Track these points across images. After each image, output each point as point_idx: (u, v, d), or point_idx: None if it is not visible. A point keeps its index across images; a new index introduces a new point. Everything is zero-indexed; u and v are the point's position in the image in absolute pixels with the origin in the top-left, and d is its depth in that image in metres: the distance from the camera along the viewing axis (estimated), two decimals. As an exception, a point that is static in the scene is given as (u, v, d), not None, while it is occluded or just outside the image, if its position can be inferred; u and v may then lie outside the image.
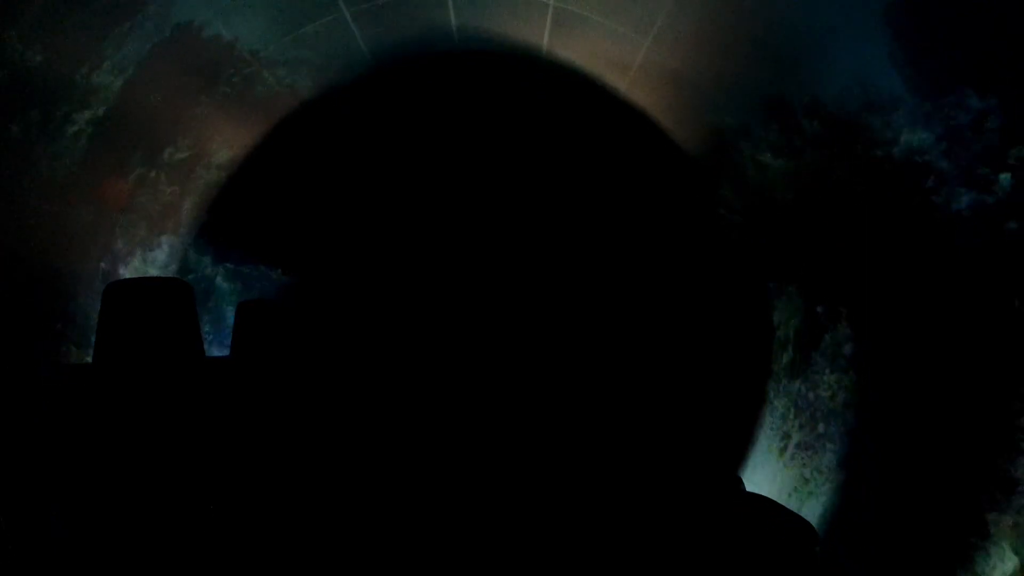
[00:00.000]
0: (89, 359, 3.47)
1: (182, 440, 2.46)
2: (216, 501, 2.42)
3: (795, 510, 3.63)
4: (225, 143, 4.47)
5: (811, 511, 3.62)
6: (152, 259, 4.37)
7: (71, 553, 2.30)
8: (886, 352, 3.31)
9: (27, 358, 3.30)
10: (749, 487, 4.15)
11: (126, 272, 4.15)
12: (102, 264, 3.95)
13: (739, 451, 4.42)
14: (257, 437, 2.60)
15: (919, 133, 2.82)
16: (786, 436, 4.10)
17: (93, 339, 2.99)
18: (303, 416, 2.78)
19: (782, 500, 3.83)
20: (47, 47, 2.96)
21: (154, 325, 2.61)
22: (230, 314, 4.86)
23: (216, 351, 4.59)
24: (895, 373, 3.24)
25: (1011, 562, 2.59)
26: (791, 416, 4.08)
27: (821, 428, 3.77)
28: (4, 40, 2.82)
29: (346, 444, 2.90)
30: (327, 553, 2.52)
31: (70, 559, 2.30)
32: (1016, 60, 2.45)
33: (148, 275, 4.29)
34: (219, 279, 4.97)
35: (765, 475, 4.13)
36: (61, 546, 2.34)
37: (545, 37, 4.27)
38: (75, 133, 3.39)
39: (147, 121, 3.77)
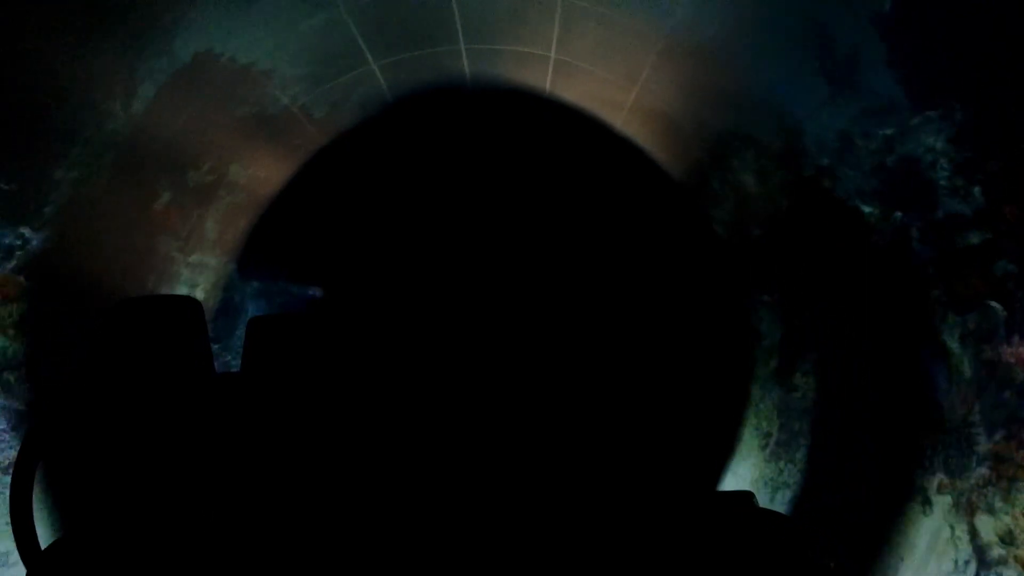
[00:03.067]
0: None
1: (184, 452, 2.42)
2: (219, 516, 2.39)
3: (770, 497, 4.06)
4: (246, 166, 4.61)
5: (783, 497, 4.04)
6: (185, 278, 4.55)
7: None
8: (845, 358, 3.73)
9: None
10: (734, 479, 4.56)
11: (163, 291, 4.32)
12: (149, 285, 4.16)
13: (727, 448, 4.79)
14: (261, 450, 2.53)
15: (912, 143, 3.00)
16: (768, 434, 4.47)
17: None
18: (311, 428, 2.68)
19: (758, 489, 4.23)
20: (66, 76, 3.06)
21: (158, 341, 2.53)
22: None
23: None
24: (850, 376, 3.67)
25: (946, 531, 3.02)
26: (774, 416, 4.45)
27: (796, 426, 4.15)
28: (25, 70, 2.92)
29: (352, 455, 2.78)
30: (339, 566, 2.51)
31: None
32: (992, 73, 2.58)
33: (180, 293, 4.43)
34: (244, 296, 5.20)
35: (748, 469, 4.52)
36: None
37: (547, 81, 4.69)
38: (99, 160, 3.48)
39: (169, 145, 3.87)
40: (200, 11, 3.35)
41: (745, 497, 2.98)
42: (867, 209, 3.40)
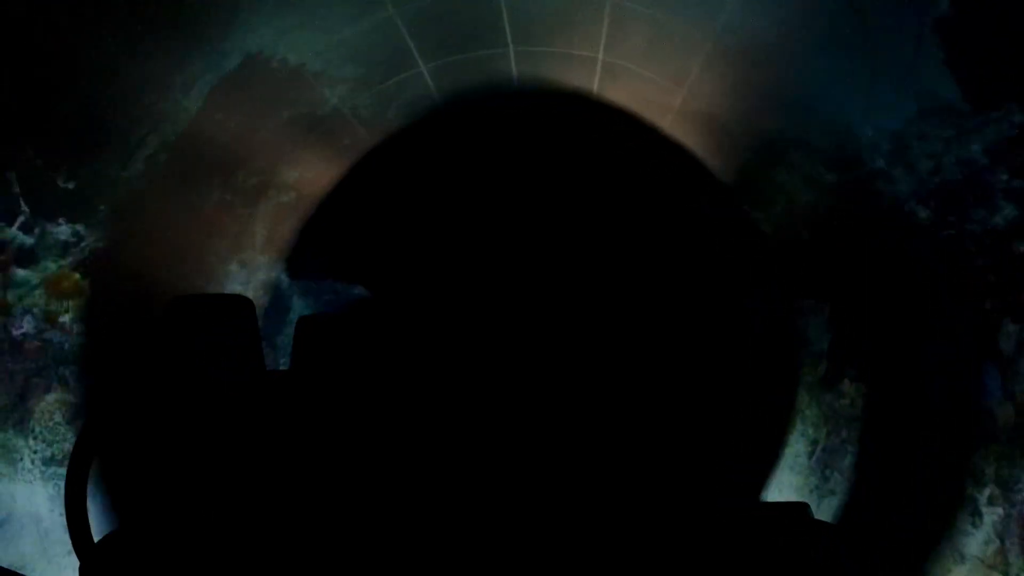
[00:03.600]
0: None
1: (236, 450, 2.46)
2: (272, 517, 2.42)
3: (816, 505, 4.00)
4: (295, 166, 4.66)
5: (828, 506, 3.98)
6: (235, 277, 4.65)
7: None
8: (896, 364, 3.66)
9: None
10: (780, 488, 4.51)
11: (215, 290, 4.43)
12: (201, 284, 4.27)
13: (773, 454, 4.71)
14: (310, 449, 2.55)
15: (969, 146, 2.93)
16: (815, 441, 4.40)
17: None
18: (360, 427, 2.71)
19: (804, 496, 4.17)
20: (120, 77, 3.13)
21: (211, 339, 2.56)
22: (304, 328, 5.06)
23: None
24: (900, 382, 3.60)
25: (993, 545, 2.95)
26: (821, 423, 4.38)
27: (843, 433, 4.09)
28: (81, 72, 3.00)
29: (397, 455, 2.80)
30: (385, 563, 2.50)
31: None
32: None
33: (228, 292, 4.53)
34: (294, 295, 5.25)
35: (794, 476, 4.46)
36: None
37: (595, 83, 4.67)
38: (151, 158, 3.54)
39: (220, 147, 3.92)
40: (250, 13, 3.40)
41: (799, 508, 2.91)
42: (922, 213, 3.33)
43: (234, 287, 4.64)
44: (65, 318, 3.44)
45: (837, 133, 3.61)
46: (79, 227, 3.40)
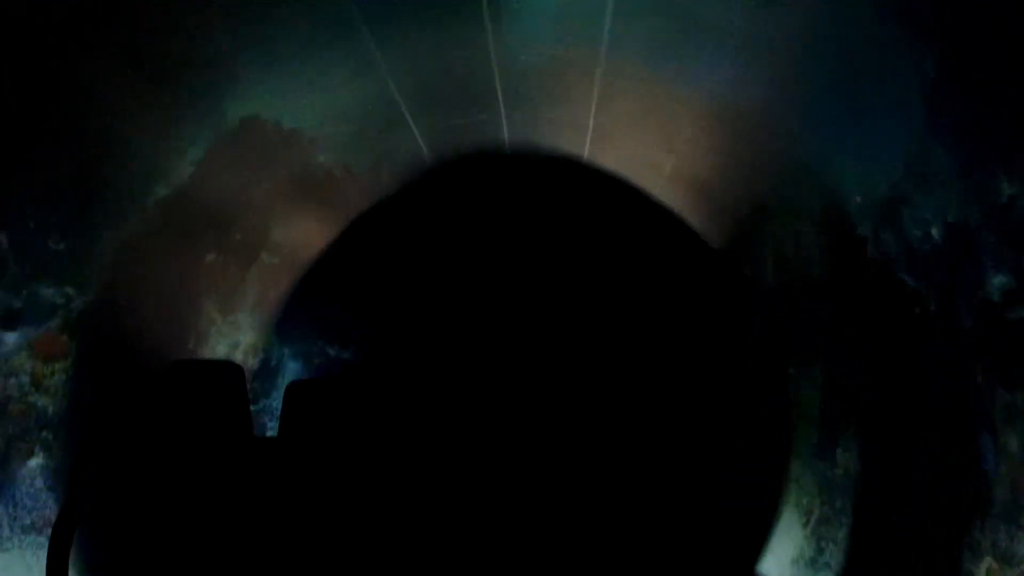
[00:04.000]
0: None
1: (223, 517, 2.45)
2: None
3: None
4: (287, 227, 4.67)
5: (823, 577, 3.91)
6: (225, 338, 4.57)
7: None
8: (888, 432, 3.62)
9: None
10: (773, 558, 4.42)
11: (204, 352, 4.34)
12: (189, 345, 4.19)
13: (766, 524, 4.65)
14: (299, 517, 2.54)
15: (959, 213, 2.89)
16: (809, 511, 4.32)
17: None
18: (349, 495, 2.69)
19: (799, 569, 4.09)
20: (115, 137, 3.13)
21: (200, 405, 2.57)
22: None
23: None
24: (892, 452, 3.56)
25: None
26: (815, 492, 4.31)
27: (837, 503, 4.01)
28: (77, 131, 2.98)
29: (389, 522, 2.78)
30: None
31: None
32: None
33: (220, 354, 4.48)
34: (283, 358, 5.22)
35: (787, 546, 4.37)
36: None
37: (585, 148, 4.74)
38: (147, 220, 3.53)
39: (213, 207, 3.93)
40: (248, 75, 3.43)
41: None
42: (911, 280, 3.31)
43: (223, 349, 4.58)
44: (50, 381, 3.37)
45: (826, 198, 3.62)
46: (68, 289, 3.33)
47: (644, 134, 4.29)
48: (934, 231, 3.07)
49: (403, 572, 2.72)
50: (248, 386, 3.22)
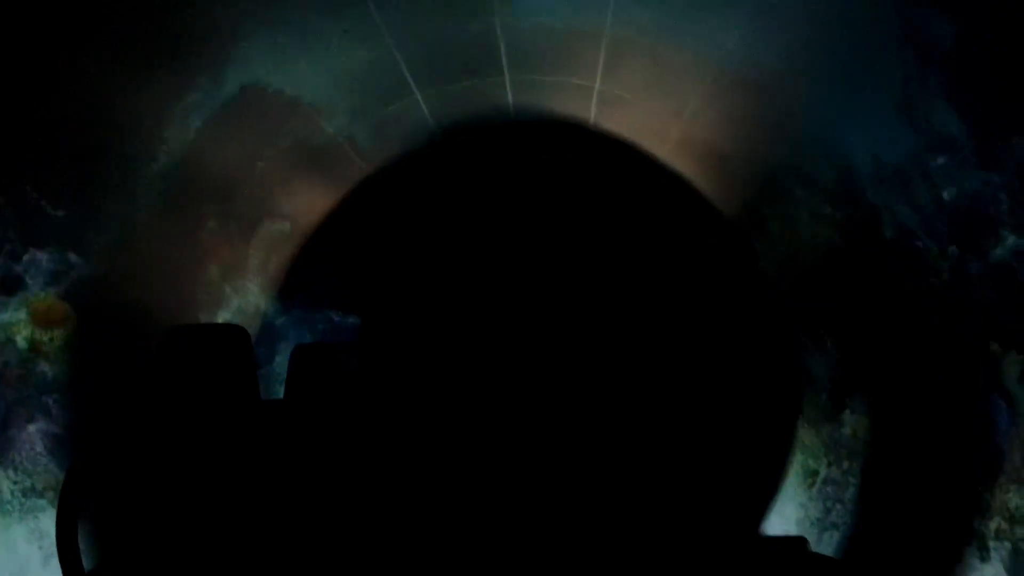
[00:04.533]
0: None
1: (232, 480, 2.44)
2: (269, 544, 2.40)
3: (816, 538, 3.94)
4: (290, 196, 4.66)
5: (830, 539, 3.91)
6: (228, 306, 4.58)
7: None
8: (900, 397, 3.61)
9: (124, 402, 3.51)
10: (780, 519, 4.44)
11: (206, 318, 4.34)
12: (190, 311, 4.17)
13: (772, 486, 4.66)
14: (306, 478, 2.54)
15: (970, 179, 2.88)
16: (815, 473, 4.35)
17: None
18: (354, 456, 2.67)
19: (805, 529, 4.11)
20: (118, 106, 3.12)
21: (207, 368, 2.56)
22: (297, 357, 5.01)
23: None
24: (904, 415, 3.55)
25: (1008, 586, 2.89)
26: (821, 455, 4.33)
27: (845, 465, 4.04)
28: (81, 100, 2.99)
29: (394, 483, 2.78)
30: None
31: None
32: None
33: (222, 321, 4.46)
34: (287, 324, 5.20)
35: (793, 508, 4.40)
36: None
37: (592, 113, 4.67)
38: (149, 189, 3.53)
39: (216, 175, 3.91)
40: (248, 44, 3.40)
41: (798, 543, 2.97)
42: (923, 246, 3.29)
43: (226, 315, 4.58)
44: (50, 347, 3.37)
45: (838, 166, 3.59)
46: (70, 255, 3.34)
47: (651, 101, 4.23)
48: (947, 198, 3.05)
49: (409, 534, 2.73)
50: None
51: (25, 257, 3.18)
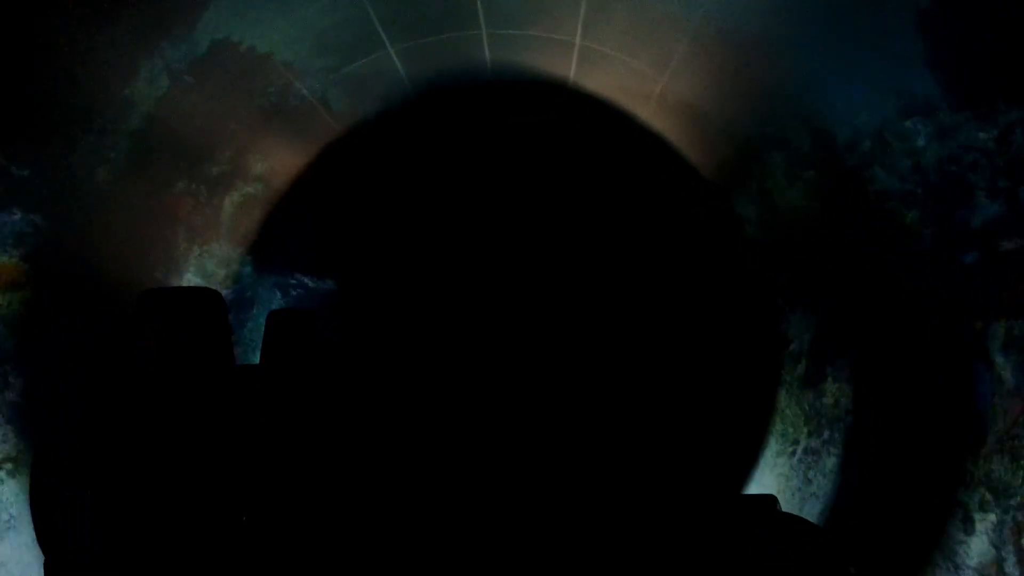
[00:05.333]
0: None
1: (208, 444, 2.42)
2: (247, 511, 2.39)
3: (798, 508, 3.90)
4: (263, 157, 4.57)
5: (812, 509, 3.87)
6: (197, 270, 4.49)
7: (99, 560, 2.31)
8: (886, 365, 3.56)
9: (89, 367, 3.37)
10: (758, 488, 4.41)
11: (178, 282, 4.25)
12: (156, 274, 4.09)
13: (751, 455, 4.62)
14: (283, 442, 2.53)
15: (949, 144, 2.89)
16: (795, 442, 4.30)
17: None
18: (331, 422, 2.69)
19: (786, 498, 4.07)
20: (84, 63, 3.03)
21: (182, 332, 2.52)
22: (271, 322, 4.94)
23: (257, 358, 4.75)
24: (886, 384, 3.50)
25: (990, 554, 2.85)
26: (801, 423, 4.29)
27: (826, 434, 4.00)
28: (40, 57, 2.89)
29: (370, 448, 2.80)
30: (358, 561, 2.53)
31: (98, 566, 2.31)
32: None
33: (194, 285, 4.37)
34: (260, 288, 5.11)
35: (773, 476, 4.36)
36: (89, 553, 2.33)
37: (571, 70, 4.53)
38: (113, 146, 3.44)
39: (187, 135, 3.84)
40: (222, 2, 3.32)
41: (768, 501, 3.03)
42: (904, 213, 3.26)
43: (197, 280, 4.49)
44: (7, 311, 3.25)
45: (818, 130, 3.54)
46: (34, 217, 3.23)
47: (634, 57, 4.11)
48: (927, 163, 3.03)
49: (389, 498, 2.75)
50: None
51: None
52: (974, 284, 3.00)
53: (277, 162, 4.75)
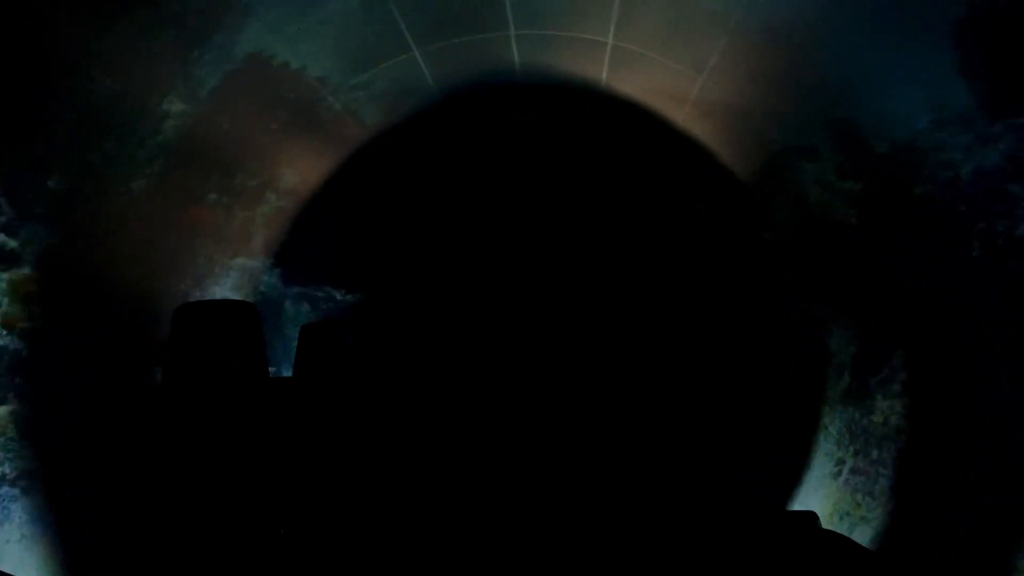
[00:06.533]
0: None
1: (245, 457, 2.47)
2: (284, 523, 2.44)
3: (847, 532, 3.68)
4: (293, 169, 4.57)
5: (862, 536, 3.65)
6: (225, 282, 4.49)
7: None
8: (939, 379, 3.35)
9: (120, 382, 3.36)
10: (802, 509, 4.19)
11: (203, 295, 4.25)
12: (181, 286, 4.07)
13: (795, 474, 4.42)
14: (315, 454, 2.62)
15: (989, 154, 2.80)
16: (840, 461, 4.11)
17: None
18: (361, 433, 2.79)
19: (835, 524, 3.86)
20: (122, 76, 3.06)
21: (219, 345, 2.61)
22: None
23: (285, 371, 4.63)
24: (947, 400, 3.28)
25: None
26: (846, 441, 4.10)
27: (875, 454, 3.79)
28: (83, 69, 2.92)
29: (396, 458, 2.92)
30: (385, 568, 2.54)
31: None
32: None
33: (221, 297, 4.41)
34: (288, 301, 5.08)
35: (819, 498, 4.14)
36: (116, 558, 2.40)
37: (604, 72, 4.39)
38: (149, 158, 3.47)
39: (219, 148, 3.87)
40: (256, 13, 3.36)
41: (808, 517, 3.07)
42: (947, 221, 3.14)
43: (226, 292, 4.49)
44: (27, 324, 3.17)
45: (855, 137, 3.44)
46: (59, 228, 3.19)
47: (670, 56, 3.96)
48: (965, 175, 2.95)
49: (418, 502, 2.81)
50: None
51: (22, 231, 3.06)
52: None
53: (307, 174, 4.74)
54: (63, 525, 2.89)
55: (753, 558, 2.72)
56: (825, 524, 3.90)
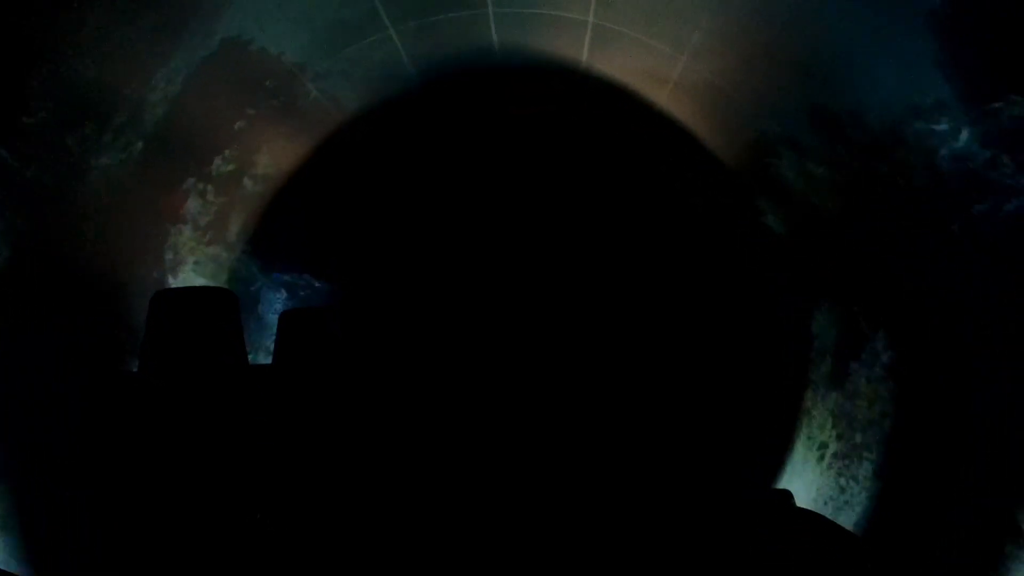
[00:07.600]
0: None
1: (225, 446, 2.46)
2: (261, 508, 2.43)
3: (832, 517, 3.67)
4: (270, 155, 4.53)
5: (847, 520, 3.64)
6: (202, 269, 4.44)
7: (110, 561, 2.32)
8: (924, 362, 3.33)
9: (87, 367, 3.31)
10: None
11: (177, 281, 4.20)
12: (155, 274, 4.03)
13: (777, 459, 4.42)
14: (297, 443, 2.61)
15: (965, 139, 2.81)
16: (823, 445, 4.11)
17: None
18: (342, 422, 2.78)
19: (819, 508, 3.85)
20: (100, 62, 3.03)
21: (198, 333, 2.62)
22: (275, 321, 4.93)
23: (262, 358, 4.61)
24: (932, 383, 3.26)
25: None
26: (829, 426, 4.10)
27: (858, 438, 3.79)
28: (61, 56, 2.88)
29: (379, 448, 2.89)
30: (368, 559, 2.54)
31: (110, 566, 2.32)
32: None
33: (197, 284, 4.37)
34: (265, 288, 5.02)
35: (803, 483, 4.14)
36: (95, 553, 2.35)
37: (584, 52, 4.33)
38: (127, 145, 3.43)
39: (196, 133, 3.85)
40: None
41: (783, 496, 3.13)
42: (928, 206, 3.14)
43: (200, 280, 4.43)
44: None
45: (838, 123, 3.43)
46: (34, 215, 3.16)
47: (651, 35, 3.91)
48: (942, 160, 2.96)
49: (398, 494, 2.79)
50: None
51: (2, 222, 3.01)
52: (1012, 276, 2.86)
53: (284, 160, 4.69)
54: (37, 518, 2.83)
55: (727, 535, 2.74)
56: (809, 507, 3.90)
